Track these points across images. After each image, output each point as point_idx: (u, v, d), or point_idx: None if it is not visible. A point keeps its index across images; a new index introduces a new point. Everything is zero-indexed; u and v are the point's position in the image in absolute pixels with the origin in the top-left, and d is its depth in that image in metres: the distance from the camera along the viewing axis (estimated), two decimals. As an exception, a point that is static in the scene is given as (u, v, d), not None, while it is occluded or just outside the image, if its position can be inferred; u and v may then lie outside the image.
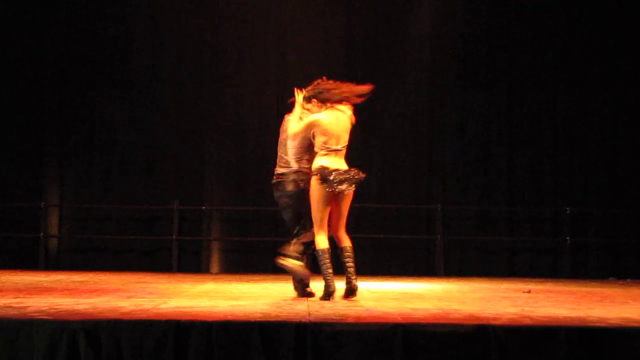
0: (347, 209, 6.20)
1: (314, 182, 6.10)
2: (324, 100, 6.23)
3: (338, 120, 6.21)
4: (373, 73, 11.24)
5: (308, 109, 6.28)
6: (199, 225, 11.15)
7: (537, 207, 11.15)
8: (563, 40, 11.29)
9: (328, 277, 6.06)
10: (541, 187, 11.17)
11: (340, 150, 6.18)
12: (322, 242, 6.08)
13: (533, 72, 11.27)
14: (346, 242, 6.19)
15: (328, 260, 6.05)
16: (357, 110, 11.07)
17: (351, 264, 6.13)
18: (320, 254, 6.08)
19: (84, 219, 11.22)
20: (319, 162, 6.11)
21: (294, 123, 6.26)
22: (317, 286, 6.40)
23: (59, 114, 11.20)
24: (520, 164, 11.20)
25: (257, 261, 10.70)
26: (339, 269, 6.21)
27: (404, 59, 11.25)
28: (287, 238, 6.55)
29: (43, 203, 10.95)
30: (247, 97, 11.19)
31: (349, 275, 6.11)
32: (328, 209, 6.10)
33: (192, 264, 11.00)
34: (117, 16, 11.23)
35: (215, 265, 11.07)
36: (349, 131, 6.26)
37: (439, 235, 10.87)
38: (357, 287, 6.17)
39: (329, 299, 6.02)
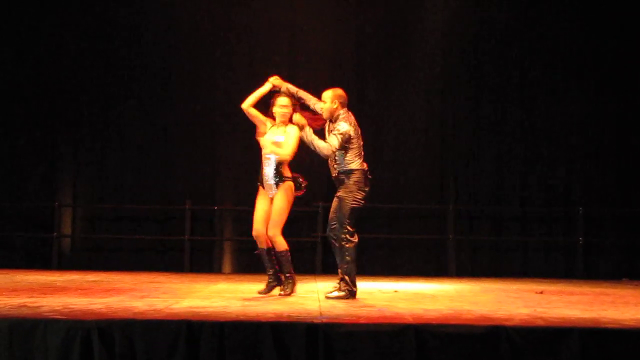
0: None
1: (291, 188, 6.58)
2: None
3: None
4: (384, 71, 11.26)
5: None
6: (211, 225, 11.17)
7: (550, 207, 11.10)
8: (577, 37, 11.21)
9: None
10: (554, 186, 11.12)
11: None
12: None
13: (546, 70, 11.22)
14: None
15: None
16: (369, 109, 11.12)
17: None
18: (289, 254, 6.58)
19: (97, 218, 11.27)
20: (288, 170, 6.63)
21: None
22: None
23: (72, 114, 11.25)
24: (532, 164, 11.15)
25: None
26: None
27: (416, 57, 11.22)
28: (296, 238, 6.69)
29: (56, 203, 11.01)
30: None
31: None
32: None
33: (204, 263, 11.03)
34: (130, 15, 11.25)
35: (227, 266, 11.09)
36: None
37: (450, 235, 10.85)
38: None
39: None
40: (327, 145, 6.34)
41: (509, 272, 10.72)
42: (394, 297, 6.71)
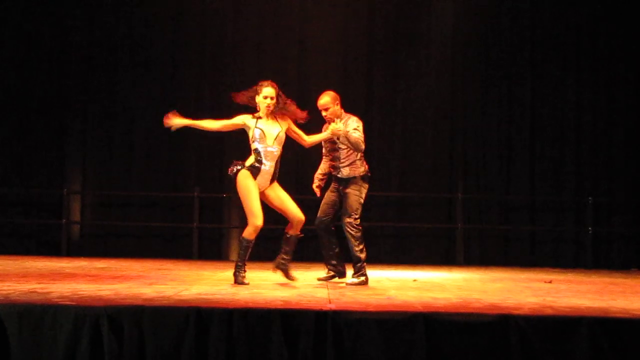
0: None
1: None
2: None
3: None
4: (394, 60, 11.21)
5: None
6: (219, 212, 11.19)
7: (559, 196, 11.06)
8: (588, 25, 11.14)
9: None
10: (563, 176, 11.08)
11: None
12: None
13: (556, 58, 11.15)
14: None
15: None
16: (378, 97, 11.08)
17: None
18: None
19: (106, 205, 11.30)
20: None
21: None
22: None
23: (81, 101, 11.27)
24: (542, 153, 11.11)
25: (277, 249, 10.68)
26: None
27: (425, 46, 11.17)
28: (307, 226, 6.74)
29: (65, 190, 11.05)
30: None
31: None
32: None
33: (212, 251, 11.06)
34: (139, 5, 11.25)
35: (235, 253, 11.07)
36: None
37: (459, 224, 10.82)
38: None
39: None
40: (357, 138, 6.61)
41: (517, 262, 10.70)
42: (403, 285, 6.71)
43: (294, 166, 10.29)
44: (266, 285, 6.36)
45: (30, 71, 11.23)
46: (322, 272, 7.23)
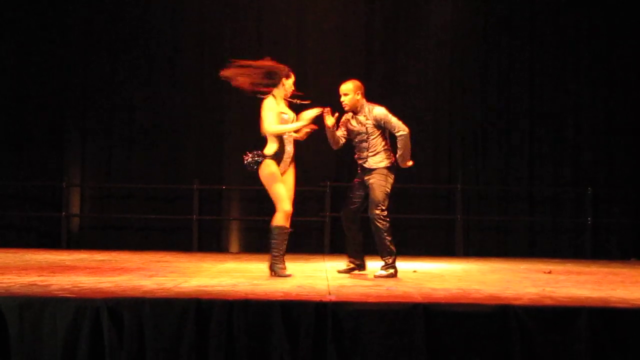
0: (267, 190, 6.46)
1: None
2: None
3: None
4: (393, 53, 11.19)
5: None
6: (219, 204, 11.19)
7: (558, 186, 11.07)
8: (588, 16, 11.12)
9: None
10: (562, 166, 11.08)
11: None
12: None
13: (556, 48, 11.13)
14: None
15: None
16: (376, 93, 11.10)
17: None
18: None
19: (106, 198, 11.31)
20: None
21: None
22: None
23: (80, 93, 11.26)
24: (541, 144, 11.11)
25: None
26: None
27: (424, 39, 11.16)
28: (305, 217, 6.69)
29: (65, 182, 11.05)
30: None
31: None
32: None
33: (212, 243, 11.07)
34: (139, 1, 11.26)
35: (235, 245, 11.13)
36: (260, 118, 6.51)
37: (458, 215, 10.83)
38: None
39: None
40: (401, 128, 6.70)
41: (517, 252, 10.72)
42: (403, 276, 6.72)
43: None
44: (266, 277, 6.37)
45: (29, 64, 11.20)
46: (322, 263, 7.24)
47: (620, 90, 11.09)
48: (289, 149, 6.48)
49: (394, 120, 6.70)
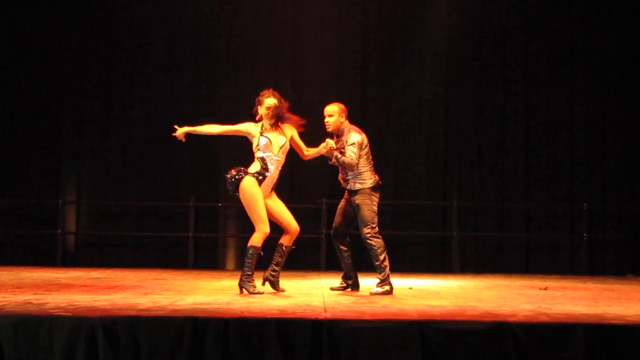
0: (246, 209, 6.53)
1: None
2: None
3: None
4: (388, 67, 11.24)
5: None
6: (215, 221, 11.18)
7: (554, 203, 11.09)
8: (582, 31, 11.19)
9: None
10: (558, 183, 11.11)
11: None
12: None
13: (550, 65, 11.20)
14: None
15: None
16: (372, 105, 11.11)
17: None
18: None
19: (101, 215, 11.29)
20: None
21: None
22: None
23: (76, 111, 11.27)
24: (536, 160, 11.14)
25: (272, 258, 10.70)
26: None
27: (419, 52, 11.21)
28: (301, 235, 6.73)
29: (60, 200, 11.03)
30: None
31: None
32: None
33: (208, 260, 11.04)
34: (135, 9, 11.28)
35: (231, 262, 11.10)
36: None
37: (455, 232, 10.84)
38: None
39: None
40: (349, 160, 6.62)
41: (512, 269, 10.72)
42: (399, 293, 6.71)
43: (288, 174, 10.29)
44: (262, 294, 6.35)
45: (25, 81, 11.23)
46: (317, 280, 7.24)
47: (616, 107, 11.15)
48: (272, 173, 6.50)
49: (351, 148, 6.67)
